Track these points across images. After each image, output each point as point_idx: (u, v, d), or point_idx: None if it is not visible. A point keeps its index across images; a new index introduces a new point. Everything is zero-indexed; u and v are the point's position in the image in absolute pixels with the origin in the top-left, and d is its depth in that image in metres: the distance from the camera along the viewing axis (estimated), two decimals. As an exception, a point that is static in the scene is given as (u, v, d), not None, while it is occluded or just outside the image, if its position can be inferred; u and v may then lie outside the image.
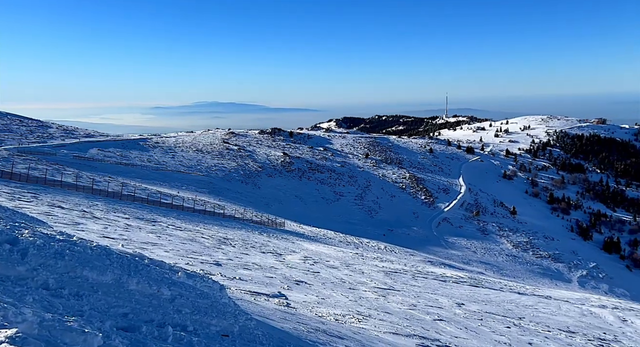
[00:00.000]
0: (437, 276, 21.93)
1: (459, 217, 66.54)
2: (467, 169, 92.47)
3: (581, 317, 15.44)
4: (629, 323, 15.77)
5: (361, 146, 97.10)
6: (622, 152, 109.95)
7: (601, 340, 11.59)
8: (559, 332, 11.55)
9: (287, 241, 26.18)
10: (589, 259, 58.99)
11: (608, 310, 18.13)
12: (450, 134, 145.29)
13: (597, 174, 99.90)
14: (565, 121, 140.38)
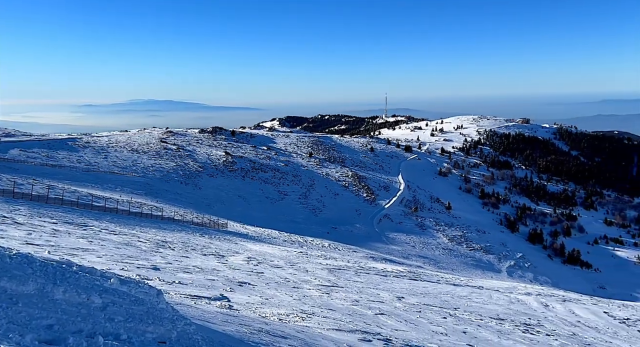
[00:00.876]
0: (379, 271, 22.56)
1: (399, 213, 68.86)
2: (406, 167, 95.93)
3: (509, 305, 16.57)
4: (551, 308, 17.16)
5: (305, 145, 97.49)
6: (544, 149, 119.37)
7: (527, 325, 12.50)
8: (490, 320, 12.31)
9: (230, 242, 25.69)
10: (516, 250, 63.46)
11: (532, 297, 19.60)
12: (390, 133, 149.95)
13: (522, 170, 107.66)
14: (494, 121, 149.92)
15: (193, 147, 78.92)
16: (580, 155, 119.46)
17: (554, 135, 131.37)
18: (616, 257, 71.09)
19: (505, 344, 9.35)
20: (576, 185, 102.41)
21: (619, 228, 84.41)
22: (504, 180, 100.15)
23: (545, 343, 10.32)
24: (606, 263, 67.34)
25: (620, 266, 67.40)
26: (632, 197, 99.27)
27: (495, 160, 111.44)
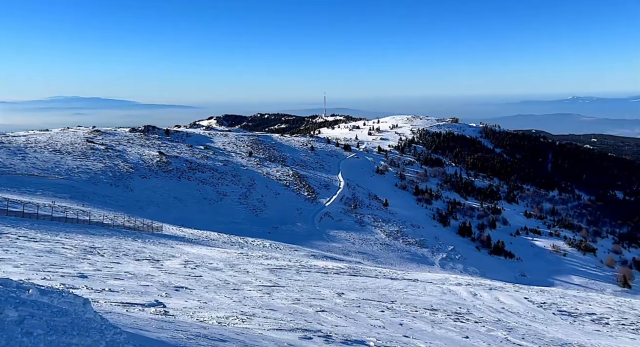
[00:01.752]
0: (320, 269, 22.80)
1: (339, 211, 69.99)
2: (345, 166, 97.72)
3: (442, 296, 17.46)
4: (479, 297, 18.32)
5: (244, 144, 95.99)
6: (471, 147, 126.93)
7: (457, 314, 13.25)
8: (424, 311, 12.89)
9: (165, 246, 24.69)
10: (448, 243, 66.97)
11: (463, 287, 20.79)
12: (329, 132, 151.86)
13: (452, 167, 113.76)
14: (427, 120, 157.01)
15: (123, 147, 74.79)
16: (504, 152, 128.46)
17: (480, 134, 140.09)
18: (535, 246, 77.37)
19: (438, 333, 9.84)
20: (500, 180, 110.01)
21: (537, 220, 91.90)
22: (436, 177, 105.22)
23: (474, 330, 10.99)
24: (526, 252, 73.08)
25: (538, 255, 73.49)
26: (548, 191, 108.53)
27: (428, 158, 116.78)
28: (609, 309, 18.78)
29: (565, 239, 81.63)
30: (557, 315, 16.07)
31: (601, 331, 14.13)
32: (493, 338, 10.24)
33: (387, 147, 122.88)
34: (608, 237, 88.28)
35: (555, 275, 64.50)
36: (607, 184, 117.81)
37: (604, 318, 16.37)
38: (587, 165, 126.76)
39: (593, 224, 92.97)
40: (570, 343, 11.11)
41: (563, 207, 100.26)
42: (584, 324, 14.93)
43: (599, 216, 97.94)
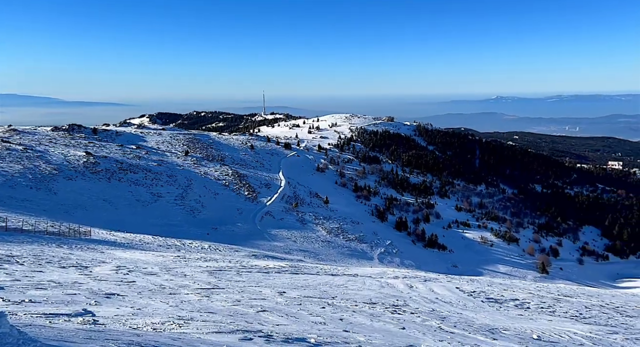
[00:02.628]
0: (261, 269, 22.61)
1: (280, 209, 69.78)
2: (286, 164, 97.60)
3: (380, 289, 18.02)
4: (415, 289, 19.13)
5: (180, 143, 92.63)
6: (406, 145, 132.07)
7: (395, 306, 13.74)
8: (364, 305, 13.23)
9: (94, 252, 23.22)
10: (386, 238, 69.21)
11: (400, 280, 21.59)
12: (269, 130, 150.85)
13: (389, 164, 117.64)
14: (364, 119, 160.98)
15: (45, 147, 69.23)
16: (436, 149, 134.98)
17: (414, 132, 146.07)
18: (465, 238, 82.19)
19: (377, 325, 10.15)
20: (433, 176, 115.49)
21: (466, 213, 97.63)
22: (374, 174, 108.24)
23: (410, 321, 11.46)
24: (458, 244, 77.44)
25: (468, 246, 78.16)
26: (476, 186, 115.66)
27: (366, 155, 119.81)
28: (530, 295, 20.41)
29: (492, 230, 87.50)
30: (485, 302, 17.20)
31: (523, 315, 15.32)
32: (427, 328, 10.74)
33: (327, 146, 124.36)
34: (529, 228, 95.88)
35: (484, 265, 68.97)
36: (528, 178, 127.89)
37: (526, 303, 17.78)
38: (510, 161, 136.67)
39: (516, 216, 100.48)
40: (497, 328, 11.93)
41: (490, 201, 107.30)
42: (509, 310, 16.11)
43: (521, 208, 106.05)
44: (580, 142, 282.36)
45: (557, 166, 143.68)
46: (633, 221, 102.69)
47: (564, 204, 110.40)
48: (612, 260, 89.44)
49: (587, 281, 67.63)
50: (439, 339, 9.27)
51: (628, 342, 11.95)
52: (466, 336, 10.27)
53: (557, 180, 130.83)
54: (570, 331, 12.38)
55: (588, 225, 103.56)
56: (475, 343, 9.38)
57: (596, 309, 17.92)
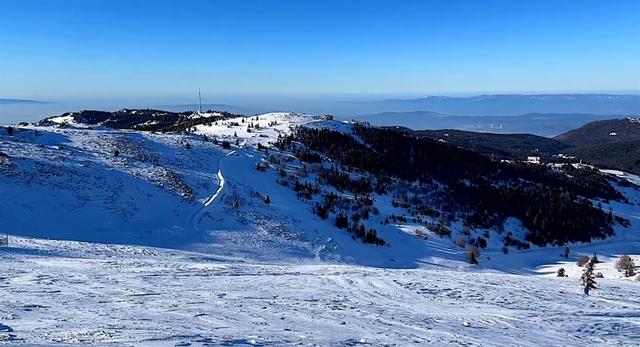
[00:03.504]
0: (200, 272, 21.96)
1: (220, 210, 68.18)
2: (225, 163, 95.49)
3: (322, 286, 18.23)
4: (355, 284, 19.56)
5: (109, 143, 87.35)
6: (345, 143, 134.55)
7: (335, 302, 13.96)
8: (305, 303, 13.31)
9: (12, 261, 21.29)
10: (327, 235, 70.10)
11: (340, 276, 21.97)
12: (206, 129, 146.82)
13: (329, 162, 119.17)
14: (304, 118, 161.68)
15: (-49, 148, 62.23)
16: (373, 147, 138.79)
17: (352, 131, 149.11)
18: (401, 232, 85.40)
19: (318, 322, 10.26)
20: (371, 173, 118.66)
21: (402, 208, 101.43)
22: (314, 172, 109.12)
23: (351, 315, 11.71)
24: (395, 238, 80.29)
25: (405, 240, 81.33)
26: (411, 182, 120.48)
27: (307, 154, 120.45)
28: (461, 284, 21.64)
29: (426, 224, 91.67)
30: (421, 293, 18.00)
31: (455, 303, 16.22)
32: (367, 321, 11.04)
33: (267, 144, 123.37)
34: (459, 220, 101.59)
35: (419, 257, 72.10)
36: (458, 173, 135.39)
37: (457, 292, 18.84)
38: (441, 158, 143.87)
39: (448, 210, 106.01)
40: (431, 317, 12.53)
41: (424, 196, 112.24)
42: (442, 299, 16.98)
43: (452, 202, 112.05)
44: (503, 139, 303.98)
45: (484, 162, 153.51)
46: (549, 211, 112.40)
47: (490, 198, 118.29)
48: (532, 248, 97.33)
49: (511, 269, 73.04)
50: (377, 332, 9.55)
51: (545, 323, 13.06)
52: (403, 326, 10.68)
53: (484, 175, 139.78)
54: (496, 316, 13.29)
55: (511, 216, 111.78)
56: (411, 333, 9.78)
57: (519, 294, 19.41)
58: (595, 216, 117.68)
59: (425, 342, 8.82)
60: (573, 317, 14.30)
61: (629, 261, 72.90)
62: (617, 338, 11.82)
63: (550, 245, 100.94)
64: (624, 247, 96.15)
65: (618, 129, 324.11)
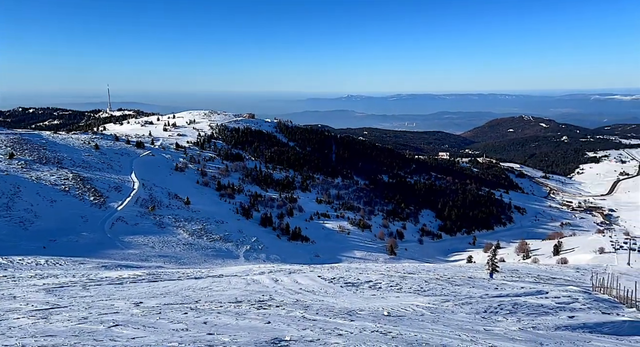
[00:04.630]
0: (113, 280, 20.54)
1: (135, 214, 64.23)
2: (139, 164, 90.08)
3: (246, 287, 17.98)
4: (280, 282, 19.56)
5: (2, 144, 78.11)
6: (268, 142, 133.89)
7: (260, 302, 13.85)
8: (229, 305, 13.03)
9: None
10: (251, 235, 69.25)
11: (265, 275, 21.84)
12: (117, 128, 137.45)
13: (252, 161, 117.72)
14: (225, 116, 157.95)
15: None
16: (296, 146, 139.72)
17: (275, 129, 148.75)
18: (325, 229, 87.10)
19: (242, 324, 10.10)
20: (295, 171, 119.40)
21: (326, 205, 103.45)
22: (237, 171, 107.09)
23: (276, 314, 11.69)
24: (319, 235, 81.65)
25: (329, 236, 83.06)
26: (333, 179, 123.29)
27: (229, 153, 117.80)
28: (381, 275, 22.62)
29: (348, 219, 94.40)
30: (344, 287, 18.51)
31: (376, 294, 16.91)
32: (292, 318, 11.09)
33: (185, 144, 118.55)
34: (379, 215, 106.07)
35: (343, 252, 74.07)
36: (377, 169, 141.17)
37: (378, 283, 19.66)
38: (362, 155, 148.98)
39: (368, 205, 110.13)
40: (354, 310, 12.94)
41: (346, 192, 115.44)
42: (364, 291, 17.61)
43: (372, 197, 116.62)
44: (417, 136, 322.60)
45: (400, 158, 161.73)
46: (459, 203, 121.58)
47: (407, 192, 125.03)
48: (445, 238, 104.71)
49: (426, 258, 77.91)
50: (302, 328, 9.65)
51: (456, 307, 14.11)
52: (327, 321, 10.91)
53: (400, 170, 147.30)
54: (413, 304, 14.09)
55: (426, 209, 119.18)
56: (335, 327, 10.02)
57: (433, 282, 20.76)
58: (497, 206, 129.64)
59: (348, 335, 9.08)
60: (480, 300, 15.62)
61: (525, 245, 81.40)
62: (516, 316, 13.13)
63: (460, 234, 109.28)
64: (522, 233, 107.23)
65: (515, 125, 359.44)
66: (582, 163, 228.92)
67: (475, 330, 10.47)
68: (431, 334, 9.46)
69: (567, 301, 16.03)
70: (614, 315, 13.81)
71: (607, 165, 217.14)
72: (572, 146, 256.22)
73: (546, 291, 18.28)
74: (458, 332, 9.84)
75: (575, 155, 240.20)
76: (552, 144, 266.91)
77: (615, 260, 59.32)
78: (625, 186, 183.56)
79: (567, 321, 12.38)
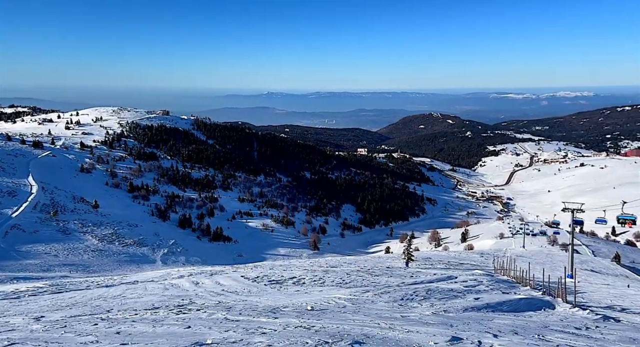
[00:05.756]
0: (8, 294, 18.41)
1: (34, 221, 58.08)
2: (38, 166, 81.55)
3: (164, 292, 17.14)
4: (201, 284, 18.93)
5: None
6: (185, 139, 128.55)
7: (180, 306, 13.29)
8: (145, 312, 12.32)
9: None
10: (169, 238, 66.12)
11: (185, 278, 21.01)
12: (10, 127, 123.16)
13: (168, 161, 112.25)
14: (135, 113, 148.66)
15: None
16: (216, 143, 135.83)
17: (192, 126, 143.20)
18: (249, 227, 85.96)
19: (160, 330, 9.61)
20: (215, 170, 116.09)
21: (249, 203, 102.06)
22: (151, 171, 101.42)
23: (196, 318, 11.29)
24: (242, 234, 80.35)
25: (252, 235, 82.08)
26: (256, 177, 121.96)
27: (142, 152, 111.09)
28: (305, 271, 22.87)
29: (272, 217, 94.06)
30: (268, 285, 18.42)
31: (300, 290, 17.06)
32: (214, 321, 10.79)
33: (92, 143, 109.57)
34: (302, 211, 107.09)
35: (266, 250, 73.66)
36: (299, 166, 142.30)
37: (302, 279, 19.85)
38: (284, 152, 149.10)
39: (291, 201, 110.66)
40: (278, 307, 12.93)
41: (269, 190, 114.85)
42: (288, 288, 17.68)
43: (295, 193, 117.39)
44: (336, 133, 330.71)
45: (321, 155, 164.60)
46: (377, 197, 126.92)
47: (328, 187, 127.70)
48: (364, 230, 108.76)
49: (348, 251, 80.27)
50: (224, 330, 9.43)
51: (376, 296, 14.73)
52: (251, 320, 10.77)
53: (322, 167, 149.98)
54: (336, 297, 14.45)
55: (347, 203, 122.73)
56: (259, 325, 9.93)
57: (354, 274, 21.46)
58: (411, 198, 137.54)
59: (272, 333, 9.05)
60: (397, 288, 16.47)
61: (437, 234, 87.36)
62: (429, 301, 14.04)
63: (378, 226, 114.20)
64: (433, 223, 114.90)
65: (425, 122, 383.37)
66: (483, 156, 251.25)
67: (393, 317, 11.01)
68: (352, 324, 9.77)
69: (474, 284, 17.50)
70: (512, 294, 15.35)
71: (505, 158, 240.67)
72: (475, 141, 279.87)
73: (455, 276, 19.79)
74: (377, 321, 10.28)
75: (478, 149, 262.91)
76: (458, 139, 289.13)
77: (513, 244, 66.03)
78: (519, 176, 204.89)
79: (473, 303, 13.51)
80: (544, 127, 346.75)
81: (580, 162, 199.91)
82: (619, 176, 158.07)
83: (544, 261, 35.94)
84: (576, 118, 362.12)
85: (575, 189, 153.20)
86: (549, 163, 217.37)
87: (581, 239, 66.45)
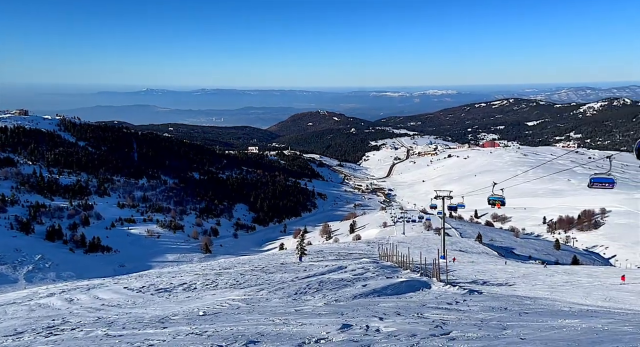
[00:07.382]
0: None
1: None
2: None
3: (30, 314, 15.07)
4: (75, 301, 17.03)
5: None
6: (50, 142, 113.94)
7: (50, 328, 11.79)
8: (5, 340, 10.68)
9: None
10: (34, 253, 58.21)
11: (56, 296, 18.72)
12: None
13: (29, 166, 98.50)
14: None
15: None
16: (88, 145, 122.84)
17: (58, 127, 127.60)
18: (131, 235, 79.61)
19: (25, 360, 8.43)
20: (88, 175, 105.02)
21: (130, 209, 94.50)
22: (8, 179, 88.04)
23: (71, 338, 10.13)
24: (123, 243, 74.10)
25: (135, 242, 76.20)
26: (137, 180, 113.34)
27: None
28: (196, 276, 21.97)
29: (157, 222, 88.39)
30: (155, 294, 17.29)
31: (191, 296, 16.35)
32: (92, 339, 9.80)
33: None
34: (192, 214, 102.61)
35: (153, 257, 69.05)
36: (187, 167, 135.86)
37: (193, 284, 19.03)
38: (169, 152, 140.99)
39: (179, 204, 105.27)
40: (167, 316, 12.22)
41: (153, 193, 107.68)
42: (178, 295, 16.82)
43: (183, 196, 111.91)
44: (225, 132, 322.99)
45: (210, 154, 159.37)
46: (269, 194, 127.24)
47: (219, 188, 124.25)
48: (258, 229, 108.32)
49: (242, 251, 79.13)
50: (105, 348, 8.62)
51: (270, 294, 14.79)
52: (136, 333, 10.02)
53: (212, 166, 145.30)
54: (230, 299, 14.16)
55: (239, 203, 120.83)
56: (145, 338, 9.28)
57: (249, 274, 21.26)
58: (303, 194, 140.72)
59: (160, 344, 8.52)
60: (291, 283, 16.73)
61: (327, 227, 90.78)
62: (322, 293, 14.54)
63: (272, 224, 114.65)
64: (324, 217, 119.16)
65: (313, 119, 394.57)
66: (367, 151, 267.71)
67: (287, 313, 11.16)
68: (247, 325, 9.68)
69: (361, 271, 18.58)
70: (394, 278, 16.65)
71: (385, 152, 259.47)
72: (359, 137, 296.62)
73: (345, 266, 20.79)
74: (272, 318, 10.33)
75: (362, 145, 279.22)
76: (344, 136, 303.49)
77: (395, 231, 71.61)
78: (398, 168, 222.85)
79: (361, 290, 14.34)
80: (417, 123, 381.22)
81: (448, 154, 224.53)
82: (478, 165, 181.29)
83: (422, 245, 39.69)
84: (443, 114, 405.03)
85: (444, 178, 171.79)
86: (422, 156, 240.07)
87: (451, 223, 74.77)
